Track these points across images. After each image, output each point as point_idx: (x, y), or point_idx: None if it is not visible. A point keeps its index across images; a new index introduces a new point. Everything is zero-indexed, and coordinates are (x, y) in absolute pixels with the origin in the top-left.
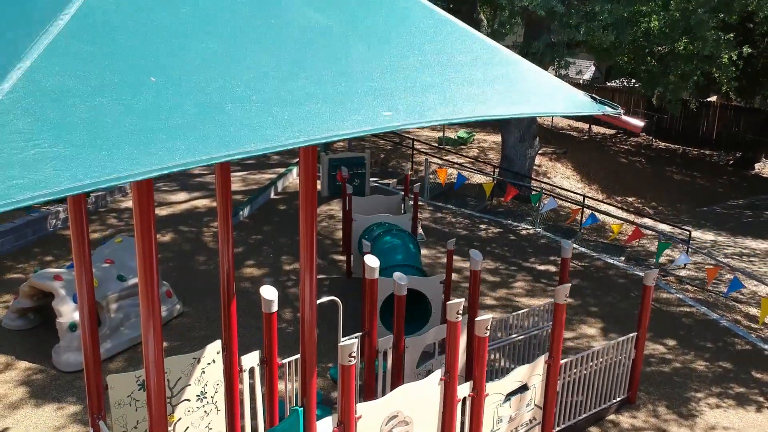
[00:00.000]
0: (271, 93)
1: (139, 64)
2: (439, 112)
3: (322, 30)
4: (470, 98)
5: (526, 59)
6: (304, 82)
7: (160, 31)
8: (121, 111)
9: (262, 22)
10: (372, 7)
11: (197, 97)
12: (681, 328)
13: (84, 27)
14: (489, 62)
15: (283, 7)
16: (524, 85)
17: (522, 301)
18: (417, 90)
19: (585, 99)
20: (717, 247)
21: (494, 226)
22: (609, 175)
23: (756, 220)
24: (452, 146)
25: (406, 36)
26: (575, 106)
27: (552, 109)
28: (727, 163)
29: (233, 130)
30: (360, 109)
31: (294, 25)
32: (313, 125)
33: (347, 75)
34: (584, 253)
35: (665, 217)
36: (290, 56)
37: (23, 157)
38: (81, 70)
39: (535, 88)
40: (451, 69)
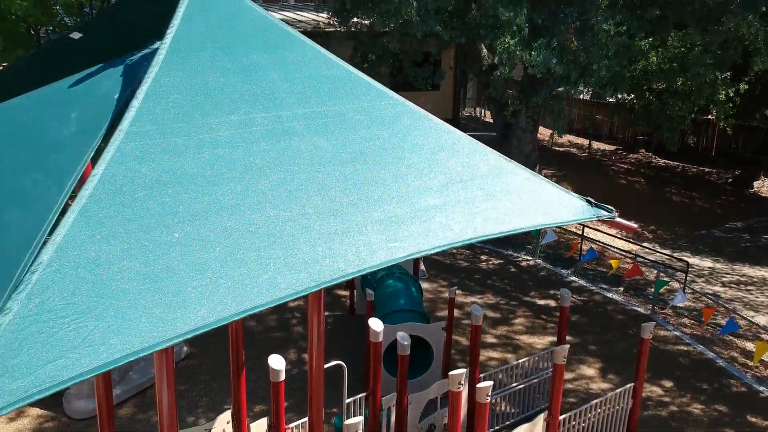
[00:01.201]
0: (287, 241)
1: (162, 221)
2: (440, 237)
3: (330, 157)
4: (471, 219)
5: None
6: (312, 220)
7: (180, 180)
8: (145, 277)
9: (278, 166)
10: (378, 128)
11: (218, 252)
12: (678, 368)
13: (110, 189)
14: (490, 178)
15: (294, 136)
16: (524, 200)
17: (522, 339)
18: (421, 214)
19: (582, 204)
20: (715, 274)
21: (495, 256)
22: (608, 198)
23: (754, 244)
24: None
25: (410, 156)
26: (574, 214)
27: (552, 220)
28: (725, 181)
29: (250, 287)
30: (369, 242)
31: (304, 153)
32: (323, 267)
33: (356, 205)
34: (583, 287)
35: (664, 242)
36: (301, 193)
37: (62, 335)
38: (108, 235)
39: (535, 200)
40: (454, 189)
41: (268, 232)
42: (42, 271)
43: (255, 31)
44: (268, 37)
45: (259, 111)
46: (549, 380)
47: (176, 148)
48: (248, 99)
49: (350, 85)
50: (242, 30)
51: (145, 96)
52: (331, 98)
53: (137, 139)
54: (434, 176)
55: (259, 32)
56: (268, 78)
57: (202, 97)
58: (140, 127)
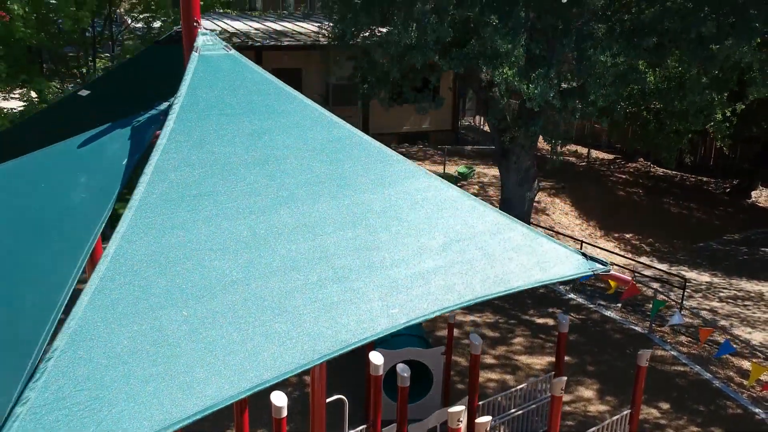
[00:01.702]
0: (292, 313)
1: (171, 300)
2: (441, 300)
3: (332, 223)
4: (470, 280)
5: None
6: (316, 290)
7: (188, 255)
8: (156, 359)
9: (283, 235)
10: (379, 189)
11: (225, 328)
12: (674, 390)
13: (121, 269)
14: (488, 236)
15: (298, 202)
16: (522, 257)
17: (521, 360)
18: (421, 277)
19: (577, 258)
20: (712, 289)
21: None
22: (607, 211)
23: (751, 257)
24: (453, 183)
25: (410, 216)
26: (570, 269)
27: (549, 276)
28: (723, 191)
29: (256, 363)
30: (370, 310)
31: (308, 221)
32: (327, 339)
33: (358, 271)
34: (581, 305)
35: (662, 256)
36: (305, 262)
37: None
38: (120, 317)
39: (532, 257)
40: (454, 249)
41: (273, 305)
42: (57, 357)
43: (259, 95)
44: (272, 101)
45: (263, 179)
46: (548, 404)
47: (184, 223)
48: (253, 167)
49: (352, 146)
50: (247, 95)
51: (153, 170)
52: (333, 161)
53: (146, 215)
54: (434, 236)
55: (264, 96)
56: (272, 144)
57: (208, 168)
58: (149, 202)
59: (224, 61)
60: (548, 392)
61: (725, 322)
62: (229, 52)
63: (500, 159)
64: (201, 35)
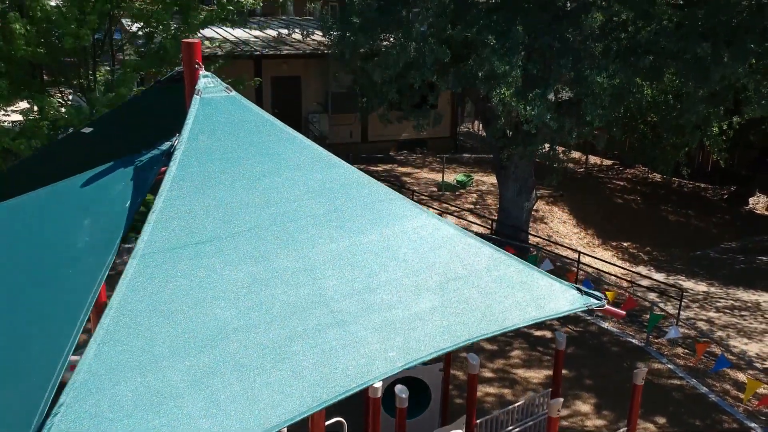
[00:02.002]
0: (292, 360)
1: (174, 350)
2: (438, 341)
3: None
4: (467, 319)
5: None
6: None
7: (191, 304)
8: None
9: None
10: (376, 228)
11: (227, 377)
12: (671, 404)
13: (126, 320)
14: (484, 273)
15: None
16: (518, 294)
17: (519, 373)
18: (419, 318)
19: (572, 294)
20: (709, 299)
21: None
22: (605, 219)
23: (748, 266)
24: (451, 191)
25: (407, 256)
26: (565, 305)
27: (544, 313)
28: (721, 198)
29: (257, 412)
30: (368, 354)
31: (308, 263)
32: (326, 385)
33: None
34: (579, 317)
35: (660, 265)
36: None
37: None
38: (125, 370)
39: (527, 294)
40: (450, 287)
41: (274, 352)
42: (63, 413)
43: (259, 136)
44: (272, 142)
45: (265, 221)
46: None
47: (186, 271)
48: (254, 210)
49: (350, 186)
50: (247, 136)
51: (156, 218)
52: (332, 202)
53: (150, 264)
54: (431, 276)
55: (264, 137)
56: (273, 186)
57: (210, 214)
58: (152, 250)
59: (225, 103)
60: (546, 408)
61: (722, 332)
62: (230, 94)
63: (498, 169)
64: (202, 77)
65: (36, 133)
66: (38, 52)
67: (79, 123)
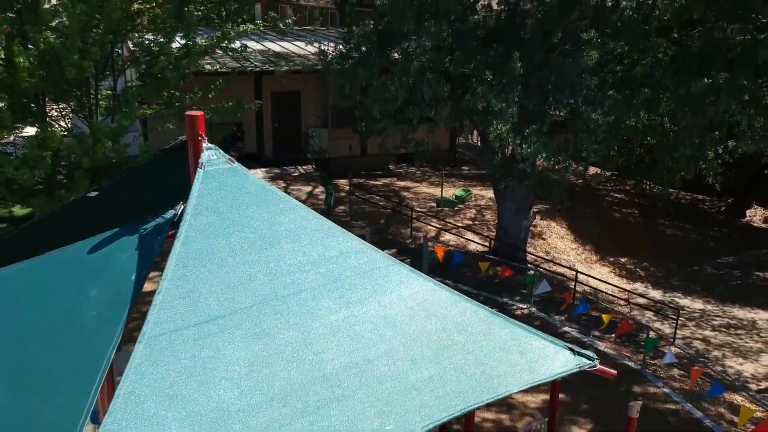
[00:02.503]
0: None
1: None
2: (434, 410)
3: (331, 337)
4: (462, 387)
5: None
6: (315, 413)
7: (194, 388)
8: None
9: (286, 355)
10: (373, 294)
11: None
12: (667, 429)
13: (130, 407)
14: (479, 336)
15: (301, 317)
16: (512, 358)
17: (516, 397)
18: (416, 389)
19: (566, 355)
20: (705, 317)
21: (490, 305)
22: (603, 233)
23: (745, 281)
24: (450, 207)
25: (404, 324)
26: (558, 367)
27: (537, 377)
28: (719, 210)
29: None
30: (368, 428)
31: (308, 338)
32: None
33: (355, 389)
34: (576, 338)
35: (657, 281)
36: (305, 384)
37: None
38: None
39: (521, 357)
40: (446, 354)
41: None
42: None
43: (260, 208)
44: (274, 214)
45: (265, 295)
46: None
47: (191, 352)
48: (255, 284)
49: (349, 256)
50: (249, 208)
51: (162, 299)
52: (329, 269)
53: (156, 347)
54: (427, 344)
55: (266, 207)
56: (273, 257)
57: (213, 290)
58: (159, 332)
59: (227, 175)
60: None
61: (717, 352)
62: (232, 165)
63: (497, 188)
64: (206, 149)
65: (39, 163)
66: (41, 82)
67: (82, 153)
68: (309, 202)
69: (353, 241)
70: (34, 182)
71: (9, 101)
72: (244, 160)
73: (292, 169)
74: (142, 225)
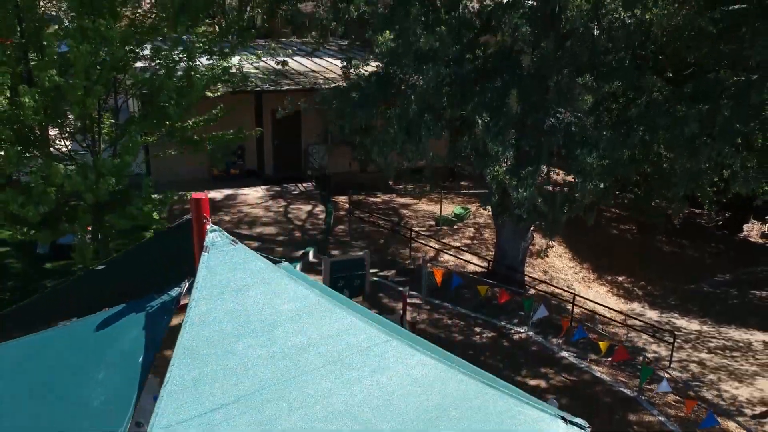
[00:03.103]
0: None
1: None
2: None
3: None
4: None
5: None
6: None
7: None
8: None
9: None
10: (375, 374)
11: None
12: None
13: None
14: (472, 411)
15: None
16: (506, 428)
17: None
18: None
19: (558, 423)
20: (702, 339)
21: (488, 328)
22: (600, 251)
23: (741, 300)
24: (449, 226)
25: (404, 405)
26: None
27: None
28: (716, 224)
29: None
30: None
31: (313, 419)
32: None
33: None
34: (573, 365)
35: (654, 300)
36: None
37: None
38: None
39: (515, 428)
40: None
41: None
42: None
43: (264, 288)
44: (278, 294)
45: (267, 380)
46: None
47: None
48: (258, 369)
49: (346, 330)
50: (250, 290)
51: (167, 392)
52: (329, 349)
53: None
54: (424, 421)
55: (269, 287)
56: (275, 339)
57: (218, 378)
58: (165, 424)
59: (231, 257)
60: None
61: (713, 375)
62: (236, 246)
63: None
64: (210, 231)
65: (43, 198)
66: (46, 118)
67: (86, 189)
68: (309, 222)
69: (352, 318)
70: (39, 217)
71: (14, 137)
72: (244, 177)
73: (293, 186)
74: (148, 303)
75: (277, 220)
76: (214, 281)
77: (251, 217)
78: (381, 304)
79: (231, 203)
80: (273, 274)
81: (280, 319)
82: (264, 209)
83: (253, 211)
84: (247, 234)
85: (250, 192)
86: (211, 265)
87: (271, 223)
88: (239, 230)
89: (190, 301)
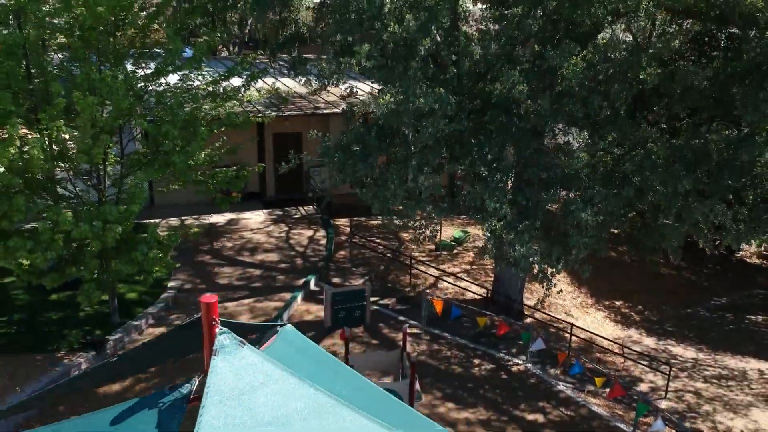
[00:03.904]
0: None
1: None
2: None
3: None
4: None
5: None
6: None
7: None
8: None
9: None
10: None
11: None
12: None
13: None
14: None
15: None
16: None
17: None
18: None
19: None
20: (698, 367)
21: (487, 360)
22: (598, 275)
23: (737, 326)
24: (448, 250)
25: None
26: None
27: None
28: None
29: None
30: None
31: None
32: None
33: None
34: (570, 399)
35: (651, 326)
36: None
37: None
38: None
39: None
40: None
41: None
42: None
43: (271, 386)
44: (284, 394)
45: None
46: None
47: None
48: None
49: (351, 427)
50: (256, 391)
51: None
52: None
53: None
54: None
55: (276, 386)
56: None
57: None
58: None
59: (240, 358)
60: None
61: (708, 406)
62: (243, 347)
63: None
64: (219, 334)
65: (51, 245)
66: (54, 166)
67: (93, 237)
68: (310, 248)
69: (356, 415)
70: (46, 263)
71: (23, 186)
72: (246, 200)
73: (294, 210)
74: (160, 399)
75: (279, 246)
76: (223, 385)
77: (253, 243)
78: (381, 334)
79: (233, 228)
80: (280, 374)
81: (289, 419)
82: (266, 234)
83: (255, 237)
84: (249, 261)
85: (252, 216)
86: (220, 369)
87: (272, 250)
88: (241, 257)
89: (201, 407)
